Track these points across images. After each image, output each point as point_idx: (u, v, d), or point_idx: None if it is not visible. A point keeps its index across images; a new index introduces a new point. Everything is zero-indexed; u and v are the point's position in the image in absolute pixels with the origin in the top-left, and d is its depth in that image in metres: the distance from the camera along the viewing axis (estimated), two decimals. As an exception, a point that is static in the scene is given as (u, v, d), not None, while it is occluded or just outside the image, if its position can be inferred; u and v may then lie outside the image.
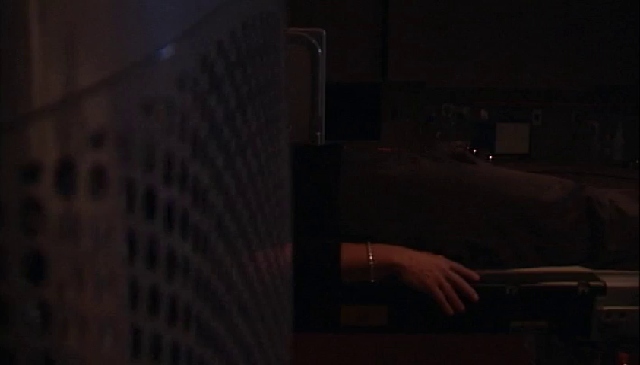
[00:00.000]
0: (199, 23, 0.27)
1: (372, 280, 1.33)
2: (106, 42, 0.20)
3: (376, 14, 4.14)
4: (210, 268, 0.28)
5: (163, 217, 0.23)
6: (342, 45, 4.10)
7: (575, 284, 1.37)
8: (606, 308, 1.36)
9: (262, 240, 0.39)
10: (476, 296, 1.33)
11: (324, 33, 1.76)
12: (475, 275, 1.35)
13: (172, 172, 0.23)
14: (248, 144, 0.35)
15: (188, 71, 0.25)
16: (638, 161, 3.94)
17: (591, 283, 1.37)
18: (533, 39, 4.04)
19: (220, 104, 0.30)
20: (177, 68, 0.24)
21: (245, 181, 0.35)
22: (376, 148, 1.62)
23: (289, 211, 0.50)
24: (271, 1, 0.43)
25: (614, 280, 1.39)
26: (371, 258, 1.33)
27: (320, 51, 1.77)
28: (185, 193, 0.25)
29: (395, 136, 4.25)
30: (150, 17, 0.23)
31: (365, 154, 1.57)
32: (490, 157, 4.09)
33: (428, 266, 1.34)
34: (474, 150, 4.12)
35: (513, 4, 4.06)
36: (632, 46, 3.90)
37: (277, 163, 0.44)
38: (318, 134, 1.83)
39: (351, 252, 1.33)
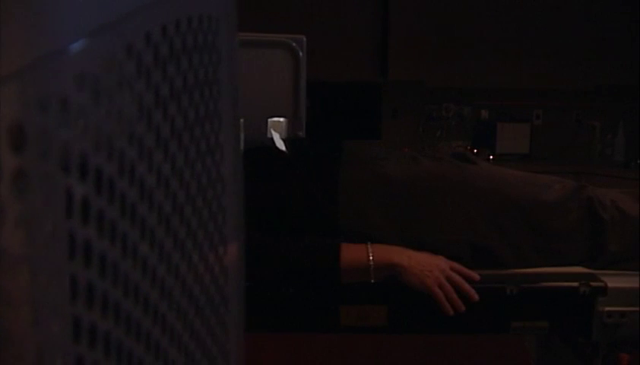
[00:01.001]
0: (107, 24, 0.28)
1: (372, 281, 1.33)
2: (14, 37, 0.22)
3: (376, 14, 4.14)
4: (121, 253, 0.30)
5: (61, 203, 0.25)
6: (342, 45, 4.10)
7: (575, 284, 1.37)
8: (607, 308, 1.36)
9: (193, 232, 0.41)
10: (476, 297, 1.32)
11: (305, 38, 1.91)
12: (475, 276, 1.35)
13: (71, 162, 0.25)
14: (172, 138, 0.37)
15: (90, 70, 0.27)
16: (639, 161, 3.93)
17: (592, 283, 1.37)
18: (534, 39, 4.04)
19: (132, 101, 0.31)
20: (78, 66, 0.26)
21: (168, 173, 0.36)
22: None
23: (233, 208, 0.52)
24: (208, 5, 0.45)
25: (615, 281, 1.38)
26: (371, 258, 1.32)
27: (301, 54, 1.90)
28: (86, 182, 0.27)
29: (396, 136, 4.25)
30: (59, 15, 0.24)
31: (366, 152, 1.56)
32: (491, 156, 4.08)
33: (428, 266, 1.33)
34: (475, 150, 4.12)
35: (513, 5, 4.06)
36: (632, 46, 3.90)
37: (214, 159, 0.46)
38: (300, 133, 1.93)
39: (351, 252, 1.33)
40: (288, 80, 1.94)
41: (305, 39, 1.93)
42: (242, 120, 0.56)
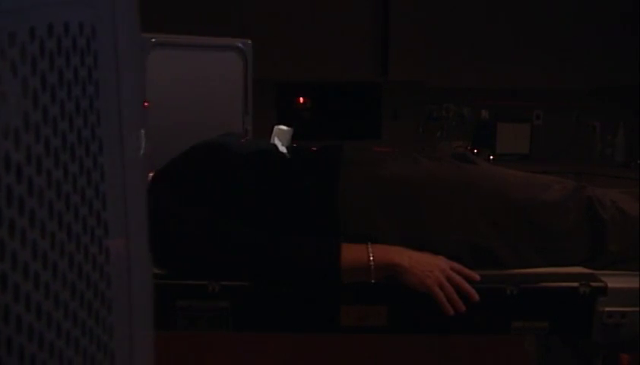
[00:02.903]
0: None
1: (372, 281, 1.33)
2: None
3: (376, 14, 4.14)
4: None
5: None
6: (342, 45, 4.10)
7: (575, 284, 1.37)
8: (607, 309, 1.36)
9: (58, 214, 0.46)
10: (476, 297, 1.32)
11: (251, 41, 2.10)
12: (475, 276, 1.35)
13: None
14: (27, 131, 0.42)
15: None
16: (639, 161, 3.93)
17: (592, 283, 1.37)
18: (534, 39, 4.03)
19: None
20: None
21: (22, 160, 0.41)
22: (372, 148, 1.67)
23: (121, 197, 0.58)
24: (79, 12, 0.51)
25: (615, 281, 1.38)
26: (371, 258, 1.32)
27: (248, 56, 2.10)
28: None
29: (396, 136, 4.25)
30: None
31: (366, 154, 1.56)
32: (491, 156, 4.08)
33: (428, 266, 1.33)
34: (475, 150, 4.12)
35: (513, 5, 4.06)
36: (632, 46, 3.90)
37: (89, 151, 0.52)
38: (248, 129, 2.07)
39: (351, 253, 1.33)
40: (238, 79, 2.12)
41: (251, 42, 2.12)
42: (143, 131, 0.63)
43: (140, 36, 0.63)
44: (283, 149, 1.56)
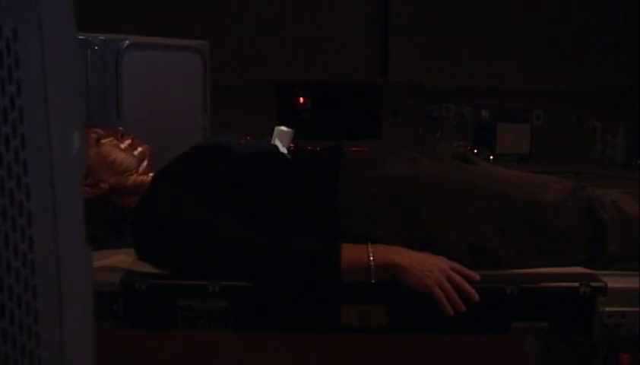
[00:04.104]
0: None
1: (373, 281, 1.33)
2: None
3: (376, 14, 4.14)
4: None
5: None
6: (342, 45, 4.10)
7: (576, 284, 1.37)
8: (607, 309, 1.36)
9: None
10: (476, 297, 1.32)
11: (208, 42, 2.19)
12: (475, 276, 1.35)
13: None
14: None
15: None
16: (639, 161, 3.93)
17: (592, 283, 1.37)
18: (534, 39, 4.03)
19: None
20: None
21: None
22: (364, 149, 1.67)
23: (35, 192, 0.60)
24: (2, 17, 0.54)
25: (615, 281, 1.38)
26: (371, 258, 1.32)
27: (206, 57, 2.19)
28: None
29: (396, 136, 4.25)
30: None
31: (365, 155, 1.57)
32: (491, 156, 4.08)
33: (428, 266, 1.33)
34: (475, 150, 4.12)
35: (513, 5, 4.05)
36: (632, 46, 3.90)
37: (10, 146, 0.55)
38: (207, 126, 2.21)
39: (352, 253, 1.33)
40: (199, 80, 2.17)
41: (207, 43, 2.19)
42: (77, 133, 0.66)
43: (75, 37, 0.64)
44: (283, 150, 1.56)
